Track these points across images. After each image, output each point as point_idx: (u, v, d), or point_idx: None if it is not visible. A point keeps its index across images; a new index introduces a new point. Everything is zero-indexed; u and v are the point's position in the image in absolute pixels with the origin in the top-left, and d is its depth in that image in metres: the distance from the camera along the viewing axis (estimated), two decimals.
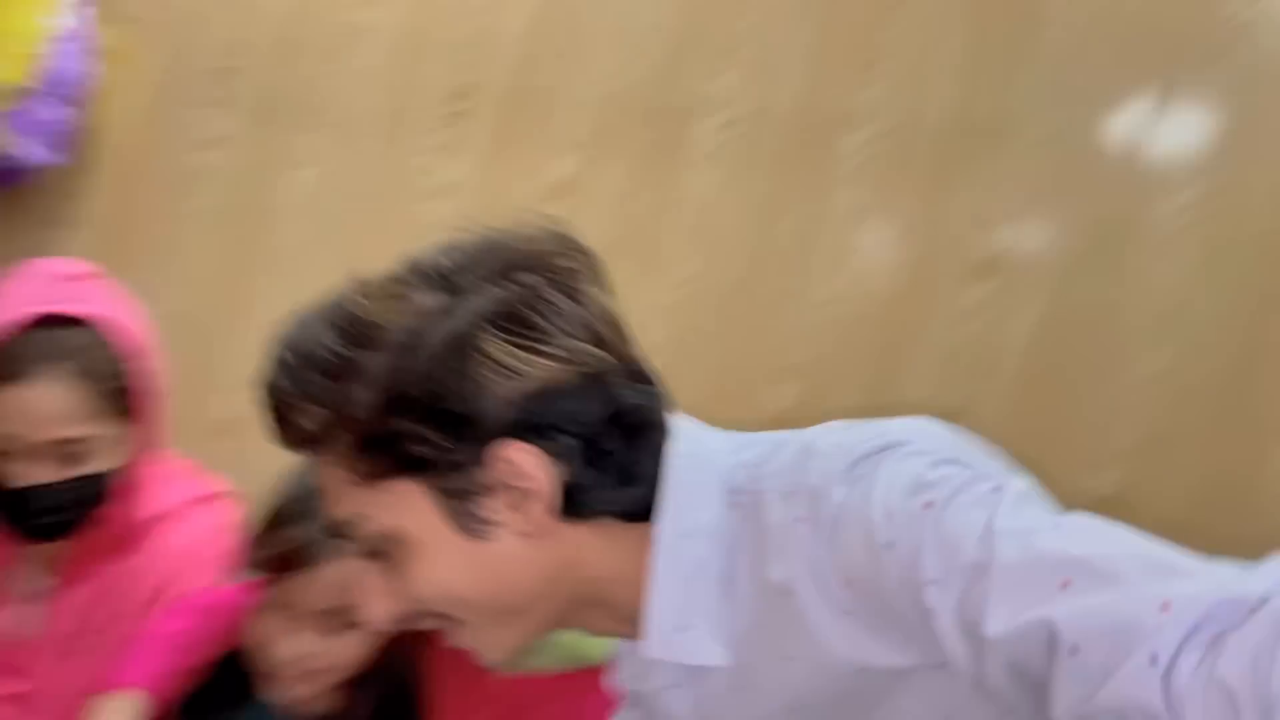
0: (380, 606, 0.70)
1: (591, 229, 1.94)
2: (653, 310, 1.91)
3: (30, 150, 2.02)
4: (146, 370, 1.07)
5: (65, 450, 1.02)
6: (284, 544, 0.99)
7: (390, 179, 2.06)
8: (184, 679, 1.08)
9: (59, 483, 1.03)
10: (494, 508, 0.66)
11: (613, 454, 0.67)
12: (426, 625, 0.74)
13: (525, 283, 0.67)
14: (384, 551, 0.69)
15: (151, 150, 2.20)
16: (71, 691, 1.08)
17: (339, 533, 0.70)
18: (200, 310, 2.11)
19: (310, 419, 0.67)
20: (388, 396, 0.65)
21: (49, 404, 1.01)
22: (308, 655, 1.01)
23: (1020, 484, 0.58)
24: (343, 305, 0.67)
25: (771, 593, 0.64)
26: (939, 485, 0.57)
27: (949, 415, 1.75)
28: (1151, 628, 0.47)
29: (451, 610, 0.70)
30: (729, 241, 1.90)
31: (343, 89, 2.10)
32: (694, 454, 0.69)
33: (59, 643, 1.11)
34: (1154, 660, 0.46)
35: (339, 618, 0.98)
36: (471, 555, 0.67)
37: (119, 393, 1.05)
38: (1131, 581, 0.49)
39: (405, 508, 0.67)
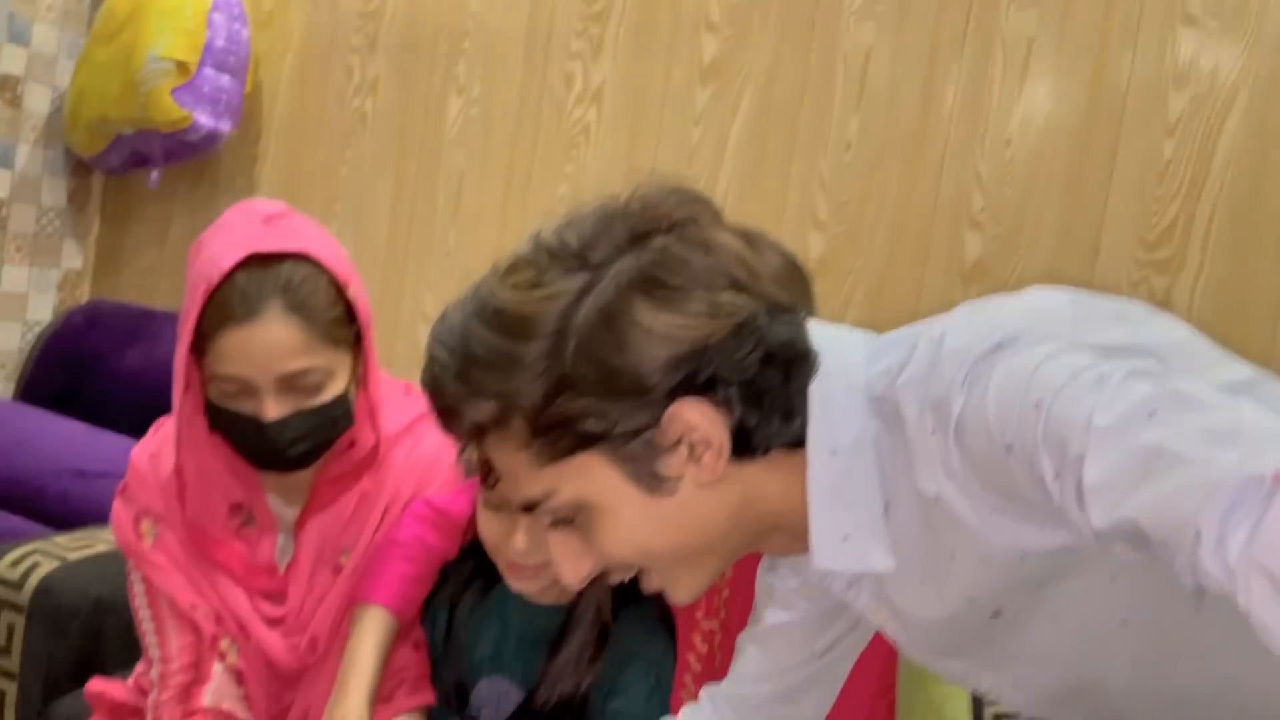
0: (574, 568, 0.74)
1: (745, 107, 1.90)
2: (822, 177, 1.85)
3: (204, 122, 2.12)
4: (359, 298, 1.09)
5: (297, 383, 1.04)
6: None
7: (540, 92, 2.06)
8: (426, 582, 1.12)
9: (296, 414, 1.04)
10: (671, 464, 0.68)
11: (772, 391, 0.68)
12: (617, 577, 0.77)
13: (656, 246, 0.68)
14: (573, 519, 0.71)
15: (310, 106, 2.28)
16: (326, 611, 1.12)
17: (529, 508, 0.72)
18: (380, 250, 2.19)
19: (481, 413, 0.69)
20: (553, 382, 0.67)
21: (276, 339, 1.01)
22: (525, 553, 1.01)
23: (1127, 365, 0.56)
24: (491, 301, 0.69)
25: (924, 500, 0.65)
26: (1047, 381, 0.56)
27: (1157, 240, 1.64)
28: (1200, 508, 0.48)
29: (642, 562, 0.73)
30: (894, 96, 1.81)
31: (481, 11, 2.10)
32: (836, 370, 0.70)
33: (308, 567, 1.14)
34: (1199, 537, 0.48)
35: None
36: (657, 510, 0.69)
37: (338, 322, 1.06)
38: (1192, 460, 0.49)
39: (589, 478, 0.69)
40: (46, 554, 1.50)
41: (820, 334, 0.71)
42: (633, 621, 1.09)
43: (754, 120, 1.91)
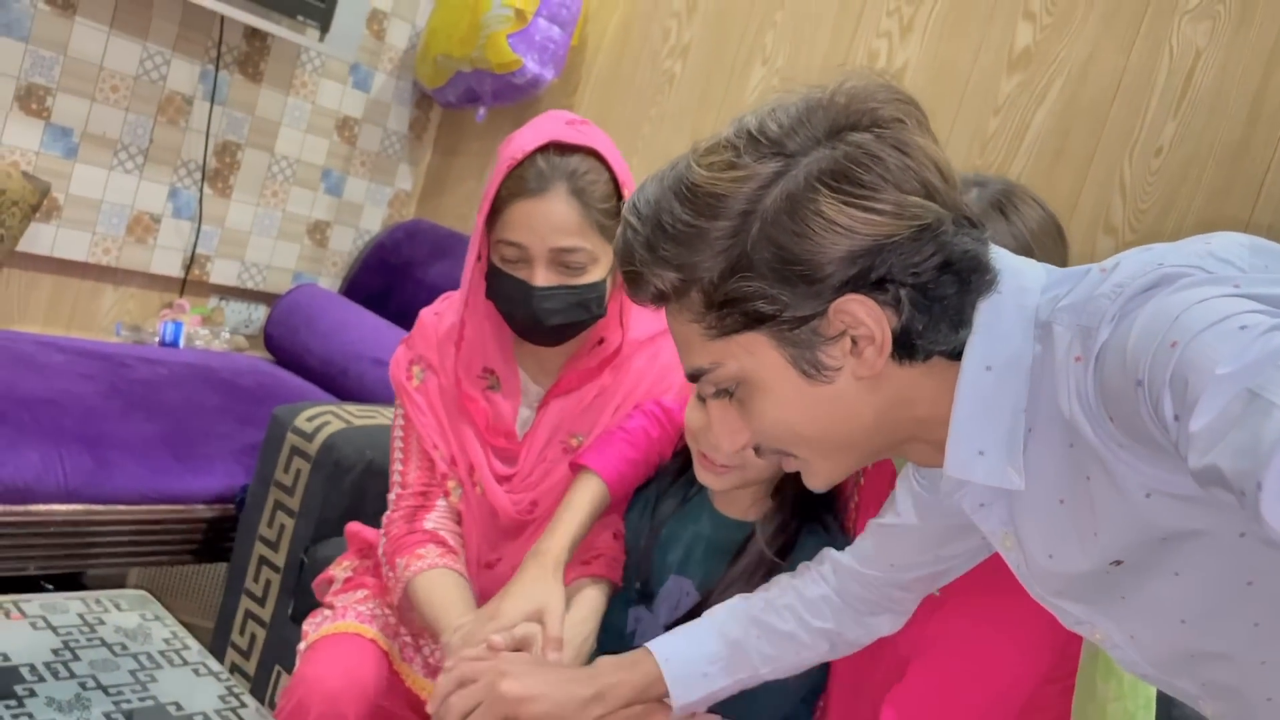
0: (729, 439, 0.78)
1: (1051, 99, 1.82)
2: (1123, 181, 1.76)
3: (531, 67, 2.31)
4: None
5: (565, 259, 1.15)
6: None
7: (841, 66, 2.08)
8: (641, 468, 1.21)
9: (560, 287, 1.15)
10: (833, 354, 0.70)
11: (945, 299, 0.68)
12: (767, 459, 0.80)
13: (853, 141, 0.68)
14: (733, 392, 0.75)
15: (626, 64, 2.42)
16: (551, 481, 1.24)
17: (694, 377, 0.76)
18: None
19: (664, 281, 0.73)
20: (733, 260, 0.69)
21: (557, 215, 1.13)
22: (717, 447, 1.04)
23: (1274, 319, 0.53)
24: (686, 177, 0.72)
25: (1065, 424, 0.65)
26: (1189, 324, 0.55)
27: None
28: (1265, 460, 0.48)
29: (789, 445, 0.75)
30: (1218, 104, 1.68)
31: None
32: (1011, 291, 0.69)
33: (542, 439, 1.26)
34: (1259, 489, 0.48)
35: None
36: (812, 396, 0.71)
37: (609, 214, 1.16)
38: (1275, 412, 0.48)
39: (753, 356, 0.72)
40: (337, 416, 1.73)
41: (1005, 258, 0.71)
42: (808, 550, 1.12)
43: (1058, 115, 1.83)
